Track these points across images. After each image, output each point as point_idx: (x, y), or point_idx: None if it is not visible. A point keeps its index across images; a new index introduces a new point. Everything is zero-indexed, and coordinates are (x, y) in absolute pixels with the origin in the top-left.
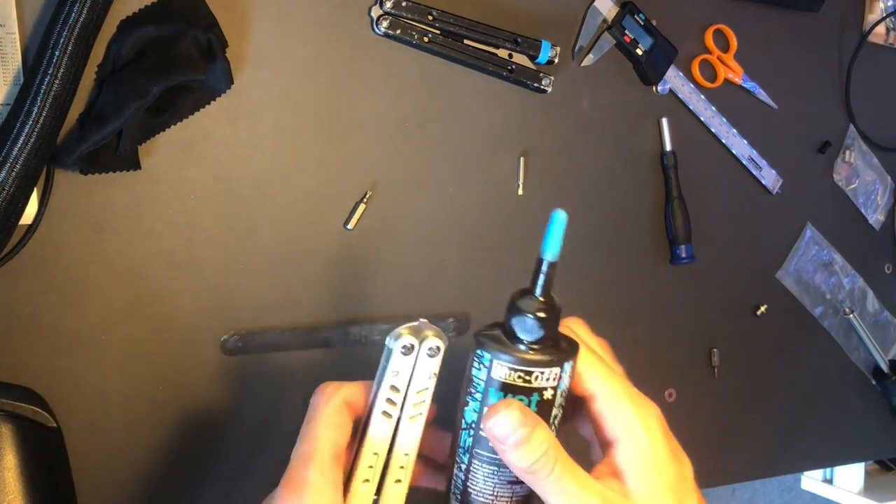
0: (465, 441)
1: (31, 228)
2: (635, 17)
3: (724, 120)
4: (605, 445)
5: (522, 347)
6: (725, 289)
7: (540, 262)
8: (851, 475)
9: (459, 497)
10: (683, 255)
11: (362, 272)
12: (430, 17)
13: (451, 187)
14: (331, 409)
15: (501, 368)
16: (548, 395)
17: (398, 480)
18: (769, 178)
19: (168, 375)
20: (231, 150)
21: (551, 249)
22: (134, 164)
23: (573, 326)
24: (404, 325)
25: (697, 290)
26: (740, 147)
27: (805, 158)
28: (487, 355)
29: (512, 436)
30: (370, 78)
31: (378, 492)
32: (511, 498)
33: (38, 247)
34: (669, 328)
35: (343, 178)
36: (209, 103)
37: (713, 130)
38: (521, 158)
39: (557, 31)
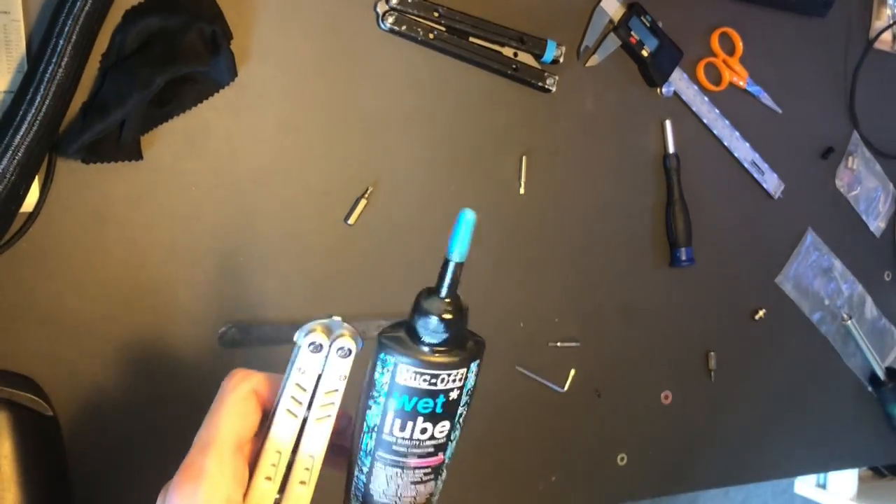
0: (366, 444)
1: (32, 216)
2: (641, 18)
3: (728, 123)
4: None
5: (427, 350)
6: (724, 292)
7: (447, 262)
8: (845, 481)
9: (361, 499)
10: (683, 258)
11: (361, 268)
12: (436, 14)
13: (452, 185)
14: (237, 396)
15: (406, 372)
16: (453, 395)
17: (303, 482)
18: (771, 182)
19: (165, 366)
20: (233, 143)
21: (458, 250)
22: (136, 155)
23: None
24: (316, 321)
25: (696, 293)
26: (743, 151)
27: (808, 164)
28: (391, 360)
29: None
30: (374, 74)
31: (281, 490)
32: (415, 498)
33: (38, 235)
34: (667, 330)
35: (345, 173)
36: (212, 95)
37: (716, 133)
38: (524, 157)
39: (563, 30)
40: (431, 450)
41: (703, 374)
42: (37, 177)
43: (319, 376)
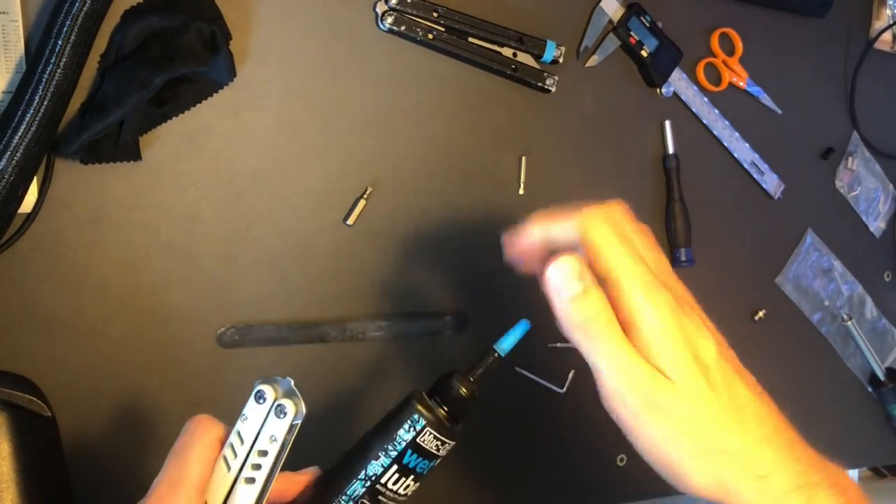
0: (353, 490)
1: (30, 217)
2: (641, 18)
3: (728, 123)
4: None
5: (449, 421)
6: (724, 293)
7: (492, 352)
8: None
9: None
10: (683, 259)
11: (361, 268)
12: (435, 14)
13: (451, 185)
14: (205, 442)
15: (429, 436)
16: (437, 462)
17: None
18: (771, 182)
19: (164, 367)
20: (232, 143)
21: (505, 347)
22: (135, 155)
23: (614, 209)
24: (275, 377)
25: (696, 294)
26: (743, 151)
27: (808, 164)
28: (422, 422)
29: (569, 289)
30: (373, 74)
31: None
32: None
33: (36, 236)
34: None
35: (344, 173)
36: (211, 95)
37: (716, 134)
38: (523, 158)
39: (563, 30)
40: (399, 503)
41: None
42: (35, 177)
43: (258, 432)
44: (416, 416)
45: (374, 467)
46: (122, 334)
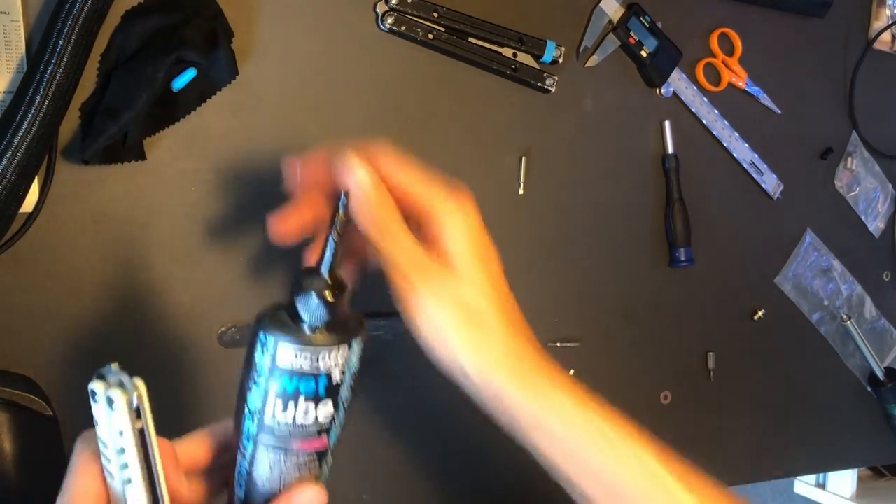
0: (248, 429)
1: (32, 217)
2: (641, 18)
3: (727, 124)
4: (430, 232)
5: (307, 329)
6: (723, 293)
7: (328, 238)
8: (844, 480)
9: (245, 485)
10: (682, 259)
11: None
12: (436, 15)
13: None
14: (86, 457)
15: (286, 353)
16: (336, 376)
17: None
18: (770, 182)
19: (165, 366)
20: (233, 143)
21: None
22: (140, 155)
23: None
24: (101, 368)
25: (695, 294)
26: (742, 151)
27: (807, 164)
28: (271, 339)
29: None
30: (374, 74)
31: None
32: (300, 483)
33: (37, 235)
34: (666, 330)
35: None
36: (214, 94)
37: (715, 134)
38: (523, 158)
39: (562, 31)
40: (315, 433)
41: (703, 374)
42: (36, 177)
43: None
44: (262, 336)
45: (252, 401)
46: (123, 333)
